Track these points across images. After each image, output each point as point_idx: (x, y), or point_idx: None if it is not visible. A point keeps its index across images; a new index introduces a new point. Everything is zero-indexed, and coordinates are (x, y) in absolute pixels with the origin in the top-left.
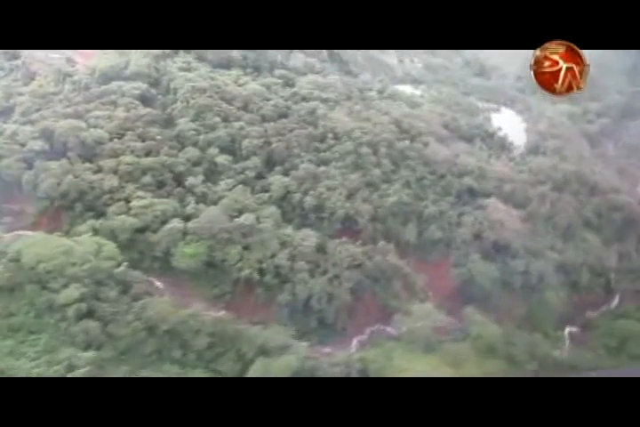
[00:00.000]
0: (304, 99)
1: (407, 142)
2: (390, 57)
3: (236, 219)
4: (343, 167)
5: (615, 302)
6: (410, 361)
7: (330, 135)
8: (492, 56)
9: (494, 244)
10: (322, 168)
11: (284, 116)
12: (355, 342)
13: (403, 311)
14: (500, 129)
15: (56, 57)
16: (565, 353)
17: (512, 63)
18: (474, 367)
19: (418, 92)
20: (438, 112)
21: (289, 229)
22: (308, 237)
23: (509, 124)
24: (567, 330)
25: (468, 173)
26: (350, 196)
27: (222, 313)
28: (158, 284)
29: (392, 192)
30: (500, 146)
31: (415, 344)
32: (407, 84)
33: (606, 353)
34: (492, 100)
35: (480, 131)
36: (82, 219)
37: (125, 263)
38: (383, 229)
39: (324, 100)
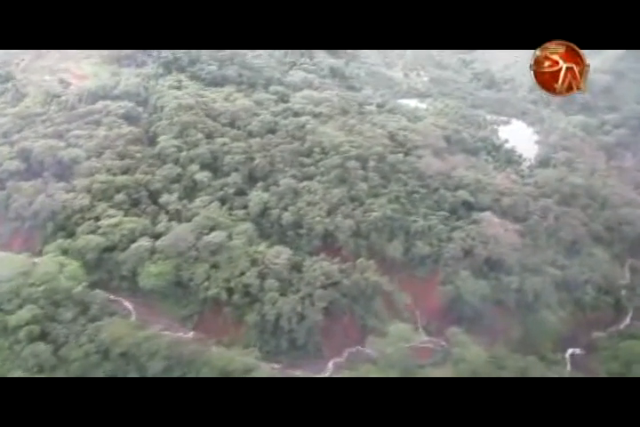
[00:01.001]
0: (296, 114)
1: (400, 156)
2: (396, 71)
3: (206, 236)
4: (327, 182)
5: (626, 321)
6: None
7: (317, 150)
8: (504, 69)
9: (487, 260)
10: (304, 183)
11: (272, 131)
12: (330, 364)
13: (379, 332)
14: (507, 141)
15: (49, 79)
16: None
17: (525, 74)
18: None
19: (423, 106)
20: (440, 125)
21: (262, 247)
22: (281, 255)
23: (520, 137)
24: (569, 352)
25: (463, 186)
26: (331, 211)
27: (191, 334)
28: (127, 304)
29: (377, 207)
30: (507, 158)
31: (392, 368)
32: (413, 97)
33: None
34: (502, 112)
35: (486, 143)
36: (53, 239)
37: (84, 284)
38: (367, 245)
39: (317, 115)
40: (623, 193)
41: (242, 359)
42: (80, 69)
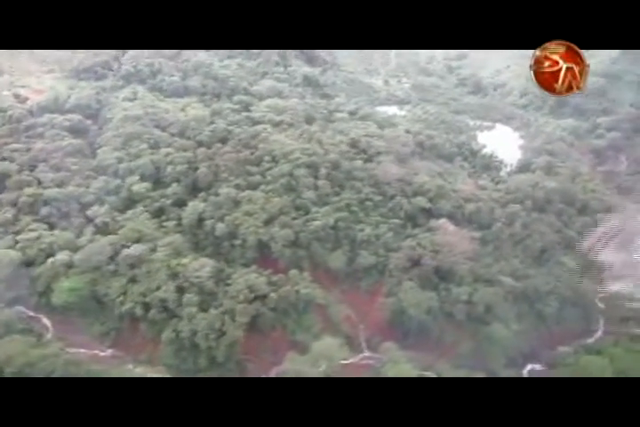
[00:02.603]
0: (255, 123)
1: (359, 162)
2: (377, 79)
3: (126, 249)
4: (272, 191)
5: (598, 334)
6: None
7: (267, 158)
8: (496, 74)
9: (437, 270)
10: (246, 192)
11: (223, 140)
12: None
13: (301, 349)
14: (484, 147)
15: (6, 94)
16: None
17: (517, 78)
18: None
19: (402, 113)
20: (414, 131)
21: (186, 259)
22: (203, 267)
23: (504, 142)
24: (527, 368)
25: (423, 192)
26: (269, 221)
27: (109, 352)
28: (45, 321)
29: (320, 216)
30: (485, 164)
31: None
32: (392, 104)
33: None
34: (486, 117)
35: (463, 149)
36: None
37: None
38: (308, 255)
39: (277, 124)
40: (605, 198)
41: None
42: (40, 84)
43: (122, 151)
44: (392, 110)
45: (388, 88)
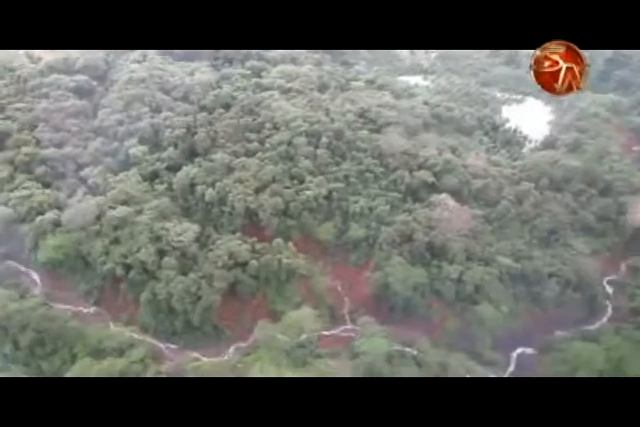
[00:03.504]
0: (264, 89)
1: (364, 133)
2: None
3: (111, 211)
4: (269, 158)
5: (603, 321)
6: (270, 376)
7: (268, 125)
8: None
9: (429, 246)
10: (240, 159)
11: (227, 106)
12: (232, 348)
13: (274, 318)
14: (507, 121)
15: (21, 53)
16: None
17: None
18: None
19: (425, 83)
20: (432, 103)
21: (170, 223)
22: (186, 232)
23: (532, 116)
24: (518, 351)
25: (429, 166)
26: (260, 189)
27: (92, 309)
28: (35, 277)
29: (314, 186)
30: (506, 139)
31: (284, 356)
32: (416, 74)
33: None
34: (517, 90)
35: (484, 123)
36: None
37: None
38: (298, 225)
39: (285, 91)
40: (633, 180)
41: (118, 337)
42: None
43: (123, 114)
44: (415, 80)
45: (413, 57)
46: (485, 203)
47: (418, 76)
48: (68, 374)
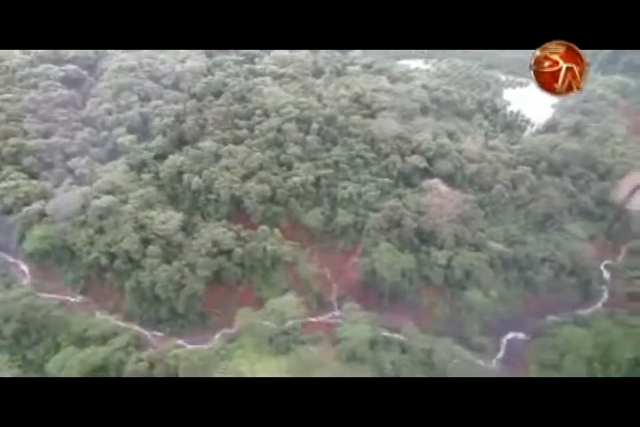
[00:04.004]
0: (257, 75)
1: (357, 118)
2: None
3: (95, 200)
4: (257, 145)
5: (597, 305)
6: (251, 363)
7: (258, 112)
8: None
9: (419, 232)
10: (228, 146)
11: (218, 93)
12: (218, 335)
13: (260, 305)
14: (509, 104)
15: None
16: (476, 368)
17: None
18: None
19: (426, 67)
20: (431, 86)
21: (154, 212)
22: (170, 220)
23: (536, 99)
24: (508, 337)
25: (422, 151)
26: (247, 176)
27: (79, 298)
28: (24, 267)
29: (302, 172)
30: (507, 123)
31: (267, 343)
32: (417, 58)
33: (537, 370)
34: (521, 73)
35: (485, 107)
36: None
37: None
38: (285, 212)
39: (278, 76)
40: (635, 163)
41: (102, 325)
42: None
43: (112, 103)
44: (416, 64)
45: None
46: (480, 188)
47: (419, 60)
48: (51, 363)
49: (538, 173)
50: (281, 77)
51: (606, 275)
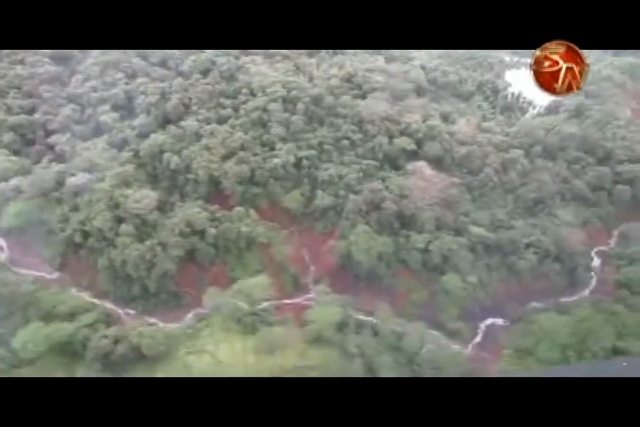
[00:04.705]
0: (248, 53)
1: (347, 98)
2: None
3: (71, 178)
4: (240, 125)
5: (584, 292)
6: (217, 342)
7: (245, 91)
8: None
9: (399, 215)
10: (211, 126)
11: (206, 71)
12: (190, 315)
13: (228, 286)
14: (510, 85)
15: None
16: (445, 352)
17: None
18: (291, 357)
19: None
20: (429, 67)
21: (130, 190)
22: (144, 199)
23: None
24: (487, 322)
25: (411, 133)
26: (228, 156)
27: (55, 275)
28: (2, 242)
29: (283, 153)
30: (507, 105)
31: (235, 323)
32: None
33: (510, 356)
34: (526, 53)
35: (485, 88)
36: None
37: None
38: (264, 193)
39: (270, 55)
40: (636, 147)
41: (73, 301)
42: None
43: (98, 80)
44: None
45: None
46: (469, 171)
47: None
48: (18, 337)
49: (531, 156)
50: (272, 56)
51: (597, 262)
